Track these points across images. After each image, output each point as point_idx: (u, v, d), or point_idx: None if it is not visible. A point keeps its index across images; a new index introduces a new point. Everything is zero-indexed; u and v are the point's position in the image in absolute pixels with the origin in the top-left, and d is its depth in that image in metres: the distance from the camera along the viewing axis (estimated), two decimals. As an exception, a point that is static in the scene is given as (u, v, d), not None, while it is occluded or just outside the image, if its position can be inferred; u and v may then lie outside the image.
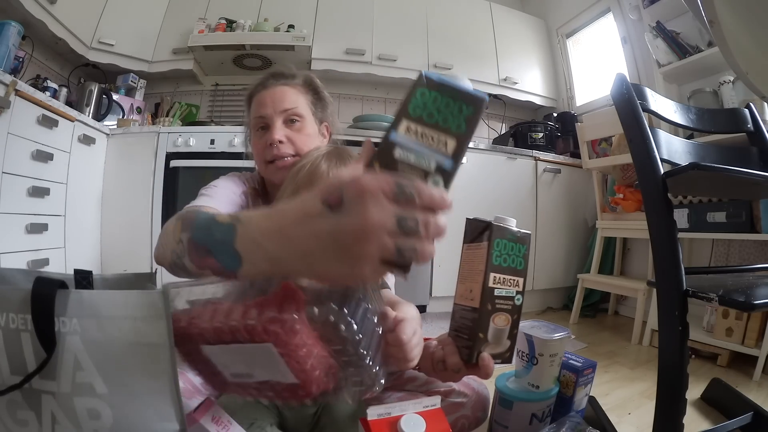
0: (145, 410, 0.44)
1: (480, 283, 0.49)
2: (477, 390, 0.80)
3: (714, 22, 0.60)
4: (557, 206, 2.43)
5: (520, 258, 0.52)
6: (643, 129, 0.76)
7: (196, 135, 2.02)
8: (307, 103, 0.85)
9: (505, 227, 0.51)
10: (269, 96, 0.82)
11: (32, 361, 0.42)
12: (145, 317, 0.42)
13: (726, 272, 1.00)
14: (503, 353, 0.51)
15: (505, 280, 0.49)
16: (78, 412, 0.43)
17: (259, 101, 0.83)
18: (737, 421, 0.94)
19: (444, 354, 0.53)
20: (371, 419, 0.55)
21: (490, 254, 0.49)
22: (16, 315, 0.42)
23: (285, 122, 0.82)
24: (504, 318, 0.50)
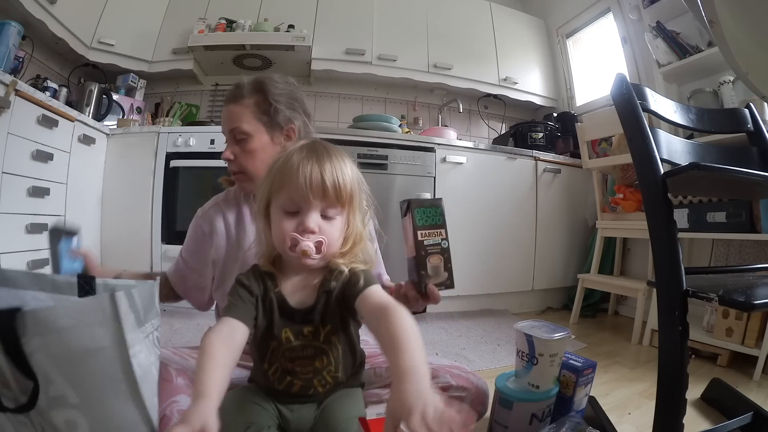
0: (116, 416, 0.44)
1: (413, 239, 0.69)
2: (476, 384, 0.81)
3: (714, 22, 0.60)
4: (557, 206, 2.43)
5: (438, 216, 0.72)
6: (643, 129, 0.76)
7: (196, 135, 2.02)
8: (255, 117, 0.85)
9: (420, 198, 0.71)
10: (222, 116, 0.89)
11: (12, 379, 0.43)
12: (98, 322, 0.43)
13: (726, 272, 1.00)
14: (444, 281, 0.74)
15: (429, 233, 0.71)
16: (57, 425, 0.44)
17: (222, 120, 0.89)
18: (737, 421, 0.94)
19: (405, 290, 0.72)
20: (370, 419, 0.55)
21: (414, 219, 0.69)
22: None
23: (234, 140, 0.85)
24: (437, 258, 0.73)
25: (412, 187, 2.09)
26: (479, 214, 2.23)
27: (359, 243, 0.66)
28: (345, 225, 0.63)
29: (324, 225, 0.61)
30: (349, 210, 0.63)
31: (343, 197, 0.61)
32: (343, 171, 0.62)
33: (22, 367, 0.43)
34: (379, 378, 0.83)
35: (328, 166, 0.61)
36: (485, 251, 2.22)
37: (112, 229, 2.00)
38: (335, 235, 0.62)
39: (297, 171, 0.59)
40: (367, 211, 0.69)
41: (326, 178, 0.59)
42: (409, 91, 2.96)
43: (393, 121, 2.35)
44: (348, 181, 0.62)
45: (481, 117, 3.12)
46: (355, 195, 0.63)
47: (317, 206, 0.60)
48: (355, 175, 0.64)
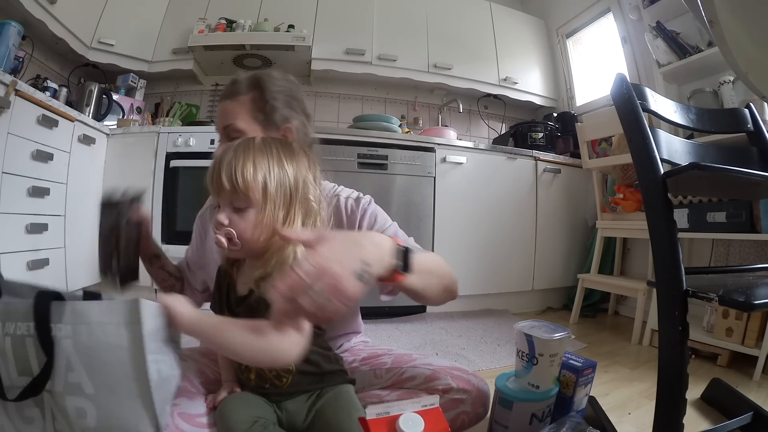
0: (125, 412, 0.47)
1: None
2: (477, 386, 0.81)
3: (714, 22, 0.60)
4: (557, 206, 2.43)
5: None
6: (643, 129, 0.76)
7: (196, 135, 2.02)
8: (250, 114, 0.83)
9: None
10: (217, 112, 0.87)
11: (35, 363, 0.48)
12: (123, 322, 0.47)
13: (726, 272, 1.00)
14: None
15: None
16: (69, 411, 0.48)
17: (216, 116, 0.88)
18: (737, 421, 0.94)
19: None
20: (370, 418, 0.55)
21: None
22: (22, 323, 0.48)
23: (227, 138, 0.84)
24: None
25: (412, 187, 2.10)
26: (479, 214, 2.23)
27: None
28: (258, 216, 0.63)
29: (235, 217, 0.63)
30: (263, 202, 0.63)
31: (242, 189, 0.61)
32: (245, 165, 0.62)
33: (45, 347, 0.47)
34: (378, 379, 0.83)
35: (229, 161, 0.62)
36: (485, 251, 2.22)
37: (112, 229, 2.00)
38: (245, 226, 0.62)
39: (209, 167, 0.65)
40: (313, 213, 0.67)
41: (222, 174, 0.62)
42: (409, 91, 2.96)
43: (393, 121, 2.35)
44: (248, 174, 0.62)
45: (481, 117, 3.12)
46: (268, 189, 0.63)
47: (225, 200, 0.63)
48: (272, 171, 0.63)
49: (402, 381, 0.81)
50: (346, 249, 0.53)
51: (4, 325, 0.48)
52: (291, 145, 0.69)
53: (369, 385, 0.82)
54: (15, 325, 0.48)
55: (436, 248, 2.12)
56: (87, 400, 0.47)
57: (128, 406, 0.47)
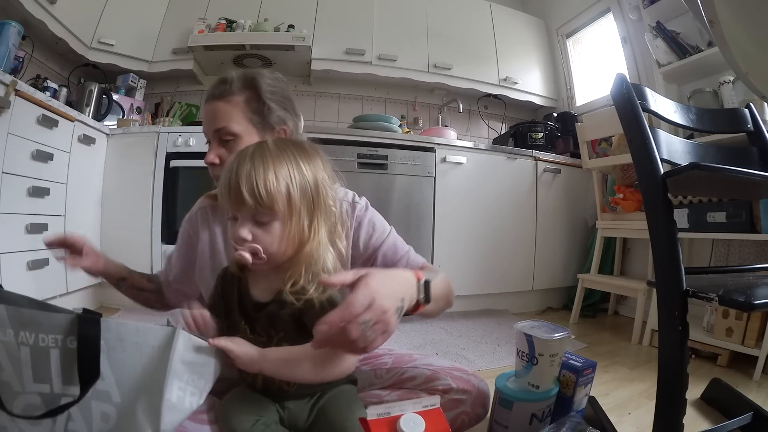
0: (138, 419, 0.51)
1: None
2: (477, 386, 0.80)
3: (714, 22, 0.60)
4: (557, 206, 2.43)
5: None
6: (643, 129, 0.76)
7: (196, 135, 2.02)
8: (245, 116, 0.79)
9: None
10: (205, 113, 0.81)
11: (58, 373, 0.51)
12: (156, 346, 0.52)
13: (726, 272, 1.00)
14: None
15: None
16: (93, 413, 0.51)
17: (202, 117, 0.81)
18: (737, 421, 0.94)
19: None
20: (371, 419, 0.55)
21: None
22: (47, 335, 0.50)
23: (219, 142, 0.79)
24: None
25: (412, 187, 2.10)
26: (479, 214, 2.23)
27: (310, 246, 0.62)
28: (285, 229, 0.60)
29: (258, 232, 0.59)
30: (289, 213, 0.60)
31: (267, 203, 0.57)
32: (266, 175, 0.58)
33: (91, 365, 0.51)
34: (379, 379, 0.83)
35: (248, 172, 0.58)
36: (485, 251, 2.22)
37: (112, 229, 2.00)
38: (271, 240, 0.59)
39: (223, 179, 0.60)
40: (333, 217, 0.65)
41: (242, 185, 0.57)
42: (409, 91, 2.96)
43: (393, 121, 2.35)
44: (271, 185, 0.58)
45: (481, 117, 3.12)
46: (292, 198, 0.59)
47: (246, 214, 0.59)
48: (294, 178, 0.60)
49: (402, 381, 0.81)
50: (388, 285, 0.54)
51: (18, 334, 0.50)
52: (304, 145, 0.66)
53: (369, 385, 0.82)
54: (36, 335, 0.50)
55: (436, 248, 2.12)
56: (113, 407, 0.52)
57: (140, 419, 0.51)
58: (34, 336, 0.50)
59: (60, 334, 0.50)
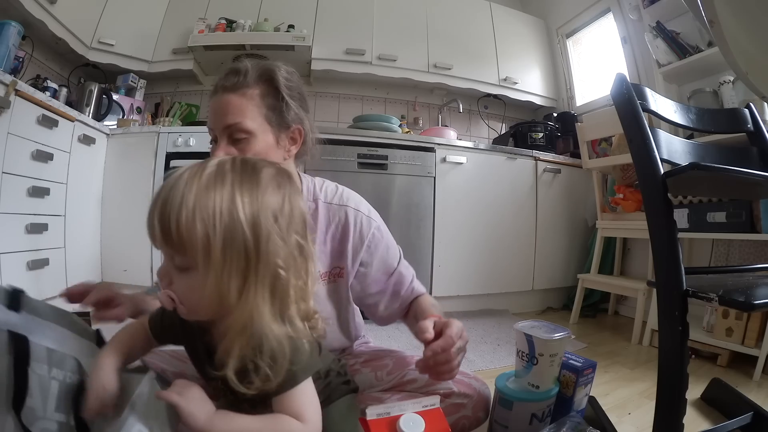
0: None
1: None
2: (478, 390, 0.80)
3: (714, 22, 0.60)
4: (557, 206, 2.43)
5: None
6: (643, 129, 0.76)
7: (196, 135, 2.02)
8: (260, 112, 0.71)
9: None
10: (216, 106, 0.72)
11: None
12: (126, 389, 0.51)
13: (726, 272, 1.00)
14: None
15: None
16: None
17: (210, 110, 0.73)
18: (737, 421, 0.94)
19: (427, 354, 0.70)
20: (370, 419, 0.55)
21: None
22: (73, 374, 0.55)
23: (230, 139, 0.71)
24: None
25: (412, 187, 2.10)
26: (479, 214, 2.23)
27: (240, 316, 0.46)
28: (202, 283, 0.45)
29: (176, 277, 0.47)
30: (205, 267, 0.45)
31: (177, 244, 0.44)
32: (181, 210, 0.44)
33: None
34: (380, 381, 0.82)
35: (164, 199, 0.45)
36: (485, 251, 2.22)
37: (112, 229, 2.00)
38: (187, 292, 0.47)
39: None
40: (281, 285, 0.48)
41: (155, 214, 0.45)
42: (409, 91, 2.96)
43: (393, 121, 2.35)
44: (184, 224, 0.43)
45: (481, 117, 3.12)
46: (211, 246, 0.44)
47: (166, 252, 0.47)
48: (217, 219, 0.44)
49: (403, 384, 0.80)
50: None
51: (51, 370, 0.53)
52: (256, 174, 0.49)
53: (370, 388, 0.82)
54: (65, 374, 0.54)
55: (436, 248, 2.12)
56: None
57: None
58: (63, 374, 0.54)
59: (83, 377, 0.55)
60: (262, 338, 0.46)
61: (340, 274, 0.85)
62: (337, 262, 0.84)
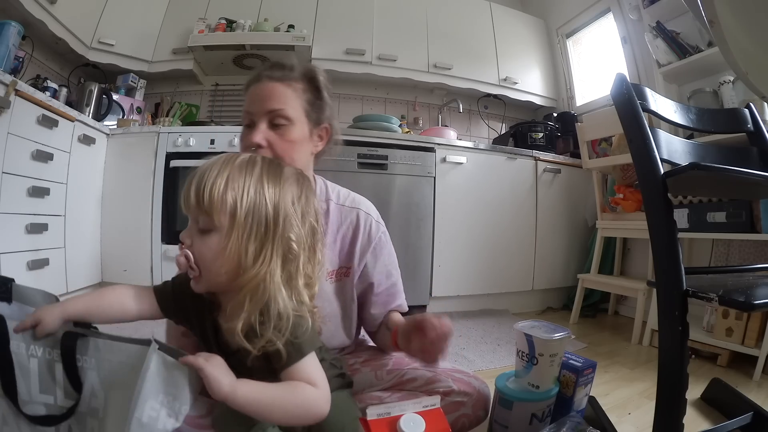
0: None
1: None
2: (478, 389, 0.80)
3: (714, 22, 0.60)
4: (557, 206, 2.43)
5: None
6: (643, 129, 0.76)
7: (196, 135, 2.02)
8: (301, 104, 0.76)
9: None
10: (259, 91, 0.75)
11: (61, 386, 0.53)
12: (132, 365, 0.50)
13: (726, 272, 1.00)
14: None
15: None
16: (88, 429, 0.52)
17: (250, 95, 0.76)
18: (737, 421, 0.94)
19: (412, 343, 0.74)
20: (371, 419, 0.55)
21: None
22: (52, 349, 0.53)
23: (269, 124, 0.74)
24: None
25: (412, 187, 2.10)
26: (479, 214, 2.23)
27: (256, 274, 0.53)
28: (223, 245, 0.53)
29: (197, 240, 0.54)
30: (229, 228, 0.53)
31: (207, 207, 0.53)
32: (216, 180, 0.53)
33: (73, 378, 0.52)
34: (380, 381, 0.83)
35: (203, 171, 0.55)
36: (485, 251, 2.22)
37: (112, 229, 2.00)
38: (206, 252, 0.54)
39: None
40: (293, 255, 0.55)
41: (193, 185, 0.54)
42: (409, 91, 2.96)
43: (393, 121, 2.35)
44: (217, 191, 0.53)
45: (481, 117, 3.12)
46: (237, 214, 0.53)
47: (191, 215, 0.55)
48: (246, 194, 0.54)
49: (403, 383, 0.81)
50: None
51: (29, 347, 0.52)
52: (281, 169, 0.59)
53: (369, 387, 0.82)
54: (43, 349, 0.52)
55: (436, 248, 2.12)
56: (99, 422, 0.52)
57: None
58: (41, 349, 0.52)
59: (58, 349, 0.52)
60: (270, 301, 0.52)
61: (347, 274, 0.86)
62: (345, 261, 0.86)
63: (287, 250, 0.55)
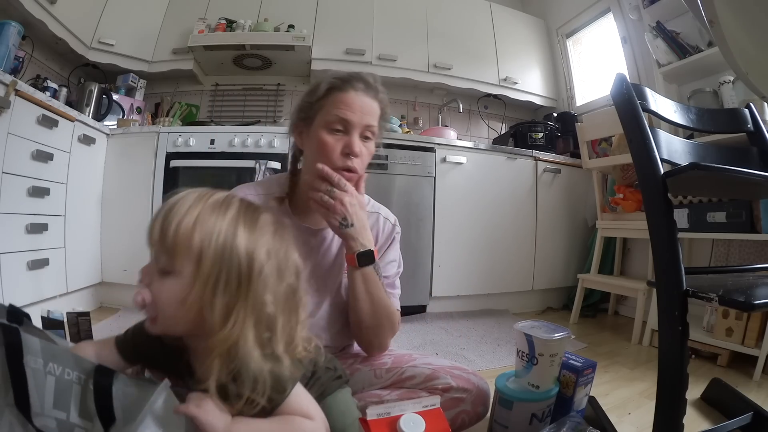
0: None
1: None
2: (477, 385, 0.81)
3: (714, 22, 0.60)
4: (557, 206, 2.43)
5: None
6: (643, 129, 0.76)
7: (196, 135, 2.02)
8: (378, 121, 0.83)
9: None
10: (359, 102, 0.79)
11: (76, 405, 0.52)
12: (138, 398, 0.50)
13: (726, 272, 1.00)
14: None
15: None
16: None
17: (347, 102, 0.78)
18: (737, 421, 0.94)
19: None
20: (371, 419, 0.55)
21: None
22: (72, 371, 0.51)
23: (361, 136, 0.80)
24: None
25: (412, 187, 2.10)
26: (479, 214, 2.23)
27: (224, 342, 0.46)
28: (184, 293, 0.47)
29: (156, 280, 0.48)
30: (193, 275, 0.47)
31: (169, 246, 0.47)
32: (184, 218, 0.47)
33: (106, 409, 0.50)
34: (379, 379, 0.83)
35: (172, 205, 0.49)
36: (485, 251, 2.22)
37: (112, 229, 2.00)
38: (163, 297, 0.47)
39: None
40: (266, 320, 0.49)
41: (159, 218, 0.48)
42: (409, 91, 2.96)
43: (393, 121, 2.35)
44: (183, 230, 0.47)
45: (481, 117, 3.12)
46: (203, 258, 0.46)
47: (155, 252, 0.49)
48: (216, 238, 0.47)
49: (402, 380, 0.81)
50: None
51: (47, 365, 0.52)
52: (258, 214, 0.52)
53: (369, 385, 0.82)
54: (63, 369, 0.52)
55: (436, 248, 2.12)
56: None
57: None
58: (60, 369, 0.52)
59: (83, 374, 0.52)
60: (244, 364, 0.47)
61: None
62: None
63: (262, 310, 0.48)
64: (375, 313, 0.80)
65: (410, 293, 2.06)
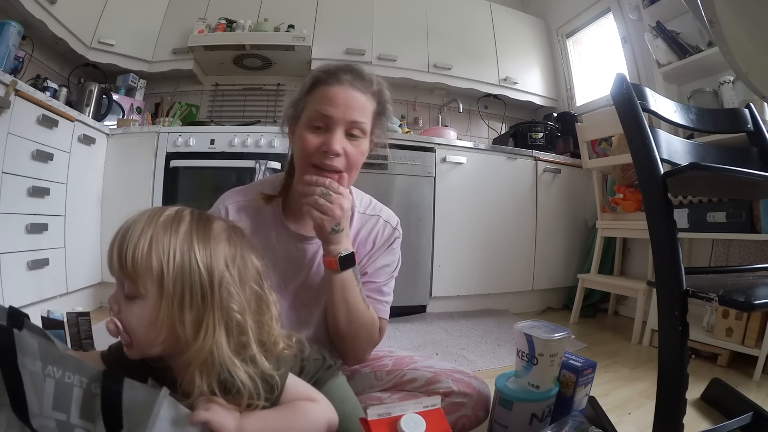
0: None
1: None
2: (478, 389, 0.80)
3: (714, 22, 0.60)
4: (557, 206, 2.43)
5: None
6: (643, 129, 0.76)
7: (196, 135, 2.02)
8: (370, 120, 0.76)
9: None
10: (342, 96, 0.72)
11: (77, 407, 0.50)
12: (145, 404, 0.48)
13: (726, 272, 1.00)
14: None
15: None
16: None
17: (329, 96, 0.72)
18: (737, 421, 0.94)
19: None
20: (371, 419, 0.55)
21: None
22: (73, 374, 0.50)
23: (346, 133, 0.73)
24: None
25: (412, 187, 2.10)
26: (479, 214, 2.23)
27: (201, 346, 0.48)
28: (154, 315, 0.48)
29: (124, 306, 0.49)
30: (158, 297, 0.48)
31: (131, 273, 0.48)
32: (139, 242, 0.48)
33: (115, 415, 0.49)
34: (379, 381, 0.83)
35: (125, 230, 0.50)
36: (485, 251, 2.22)
37: (112, 229, 1.96)
38: (134, 321, 0.49)
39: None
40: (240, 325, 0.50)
41: (115, 245, 0.50)
42: (409, 91, 2.96)
43: (393, 121, 2.35)
44: (140, 255, 0.47)
45: (481, 117, 3.12)
46: (164, 279, 0.48)
47: (117, 280, 0.50)
48: (172, 257, 0.48)
49: (403, 383, 0.81)
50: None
51: (46, 367, 0.50)
52: (210, 224, 0.53)
53: (369, 387, 0.82)
54: (63, 372, 0.50)
55: (436, 248, 2.12)
56: None
57: None
58: (60, 372, 0.51)
59: (85, 378, 0.51)
60: (226, 371, 0.48)
61: (362, 273, 0.86)
62: (362, 267, 0.85)
63: (229, 321, 0.50)
64: (351, 323, 0.75)
65: (410, 293, 2.06)
